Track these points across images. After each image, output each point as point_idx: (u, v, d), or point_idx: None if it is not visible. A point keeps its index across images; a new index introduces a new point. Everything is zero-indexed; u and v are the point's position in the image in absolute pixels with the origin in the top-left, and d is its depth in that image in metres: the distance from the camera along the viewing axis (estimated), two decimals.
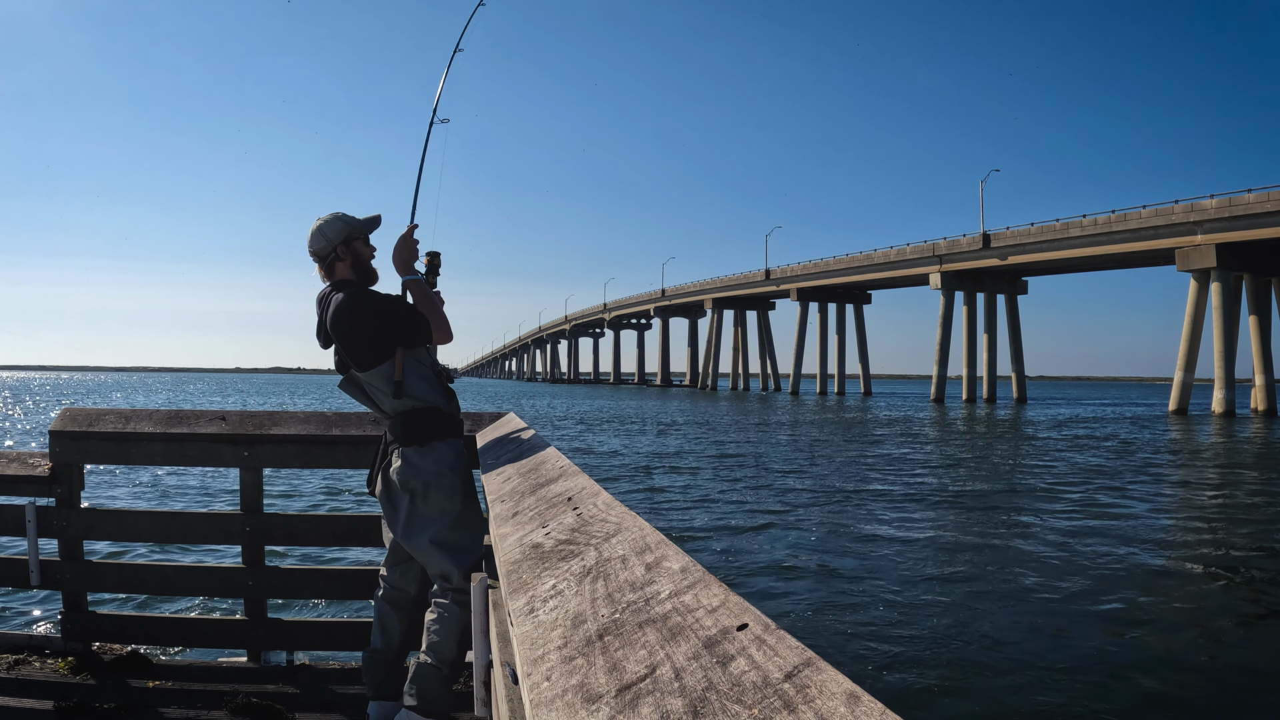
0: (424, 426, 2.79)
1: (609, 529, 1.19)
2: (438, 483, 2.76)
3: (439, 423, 2.82)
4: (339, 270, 2.88)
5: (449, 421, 2.86)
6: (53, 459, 3.60)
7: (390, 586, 2.99)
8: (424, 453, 2.77)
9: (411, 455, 2.77)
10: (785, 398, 69.40)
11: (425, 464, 2.76)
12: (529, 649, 0.86)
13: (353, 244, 2.89)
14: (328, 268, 2.89)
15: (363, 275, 2.90)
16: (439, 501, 2.76)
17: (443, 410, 2.85)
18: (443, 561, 2.73)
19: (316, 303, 2.92)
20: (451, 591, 2.73)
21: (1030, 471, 17.46)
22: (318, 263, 2.90)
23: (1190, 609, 7.28)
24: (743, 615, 0.72)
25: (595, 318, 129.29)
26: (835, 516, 11.50)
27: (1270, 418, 41.47)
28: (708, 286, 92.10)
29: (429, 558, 2.77)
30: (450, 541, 2.74)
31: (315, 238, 2.87)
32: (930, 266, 61.92)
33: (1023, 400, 62.45)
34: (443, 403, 2.86)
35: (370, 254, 2.94)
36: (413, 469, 2.76)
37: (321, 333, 2.89)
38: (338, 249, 2.86)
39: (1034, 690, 5.30)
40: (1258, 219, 41.00)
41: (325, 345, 2.91)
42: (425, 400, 2.82)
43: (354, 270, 2.89)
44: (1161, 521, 11.71)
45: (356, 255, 2.89)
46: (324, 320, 2.84)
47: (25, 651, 3.60)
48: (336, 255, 2.86)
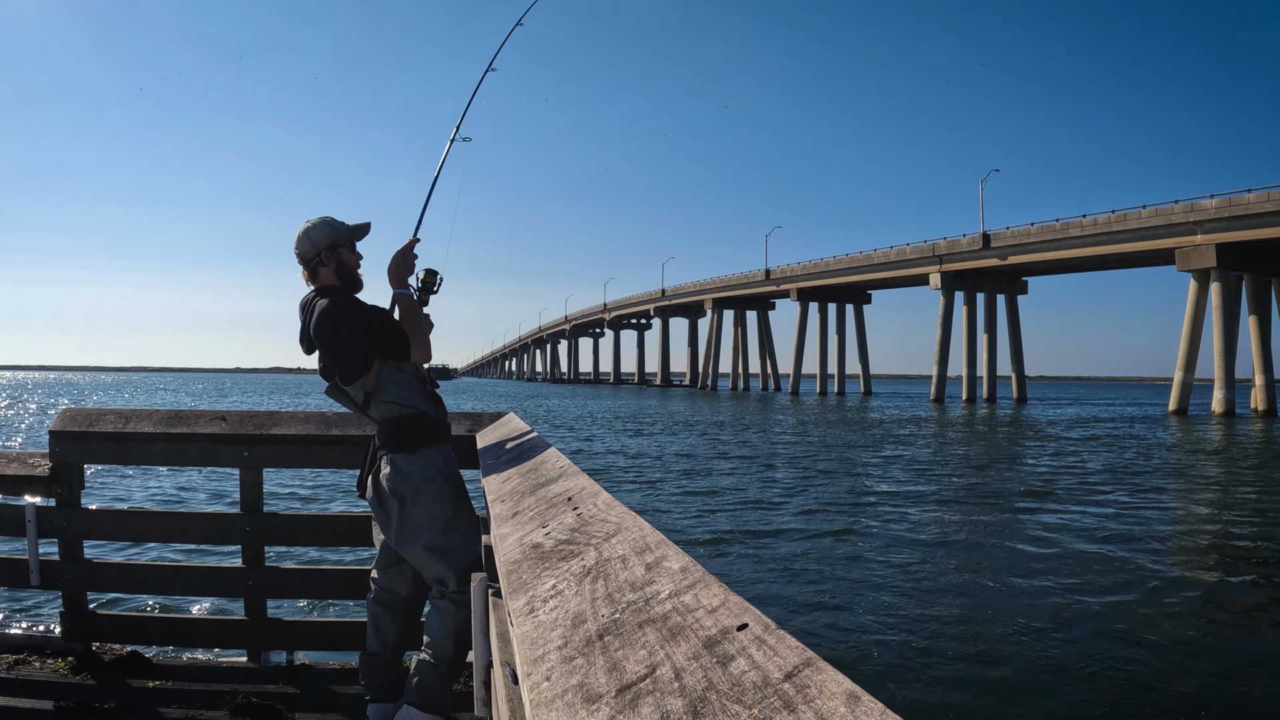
0: (412, 433, 2.77)
1: (609, 529, 1.19)
2: (427, 489, 2.75)
3: (426, 428, 2.80)
4: (322, 275, 2.84)
5: (436, 427, 2.84)
6: (53, 459, 3.60)
7: (381, 589, 2.98)
8: (412, 459, 2.75)
9: (400, 462, 2.75)
10: (785, 398, 69.39)
11: (414, 470, 2.75)
12: (529, 649, 0.86)
13: (338, 250, 2.84)
14: (311, 272, 2.85)
15: (347, 282, 2.86)
16: (429, 507, 2.74)
17: (429, 416, 2.82)
18: (437, 567, 2.73)
19: (300, 308, 2.89)
20: (451, 594, 2.73)
21: (1031, 472, 17.45)
22: (302, 265, 2.86)
23: (1192, 609, 7.28)
24: (743, 615, 0.72)
25: (595, 318, 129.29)
26: (836, 517, 11.49)
27: (1270, 417, 41.46)
28: (708, 286, 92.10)
29: (423, 563, 2.76)
30: (443, 546, 2.73)
31: (300, 240, 2.83)
32: (930, 266, 61.92)
33: (1023, 400, 62.45)
34: (429, 408, 2.84)
35: (356, 261, 2.89)
36: (402, 476, 2.74)
37: (305, 338, 2.85)
38: (322, 254, 2.82)
39: (1035, 690, 5.30)
40: (1258, 219, 41.00)
41: (308, 351, 2.87)
42: (411, 406, 2.79)
43: (338, 276, 2.85)
44: (1163, 521, 11.70)
45: (341, 262, 2.85)
46: (307, 326, 2.81)
47: (25, 651, 3.60)
48: (320, 260, 2.82)
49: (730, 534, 10.16)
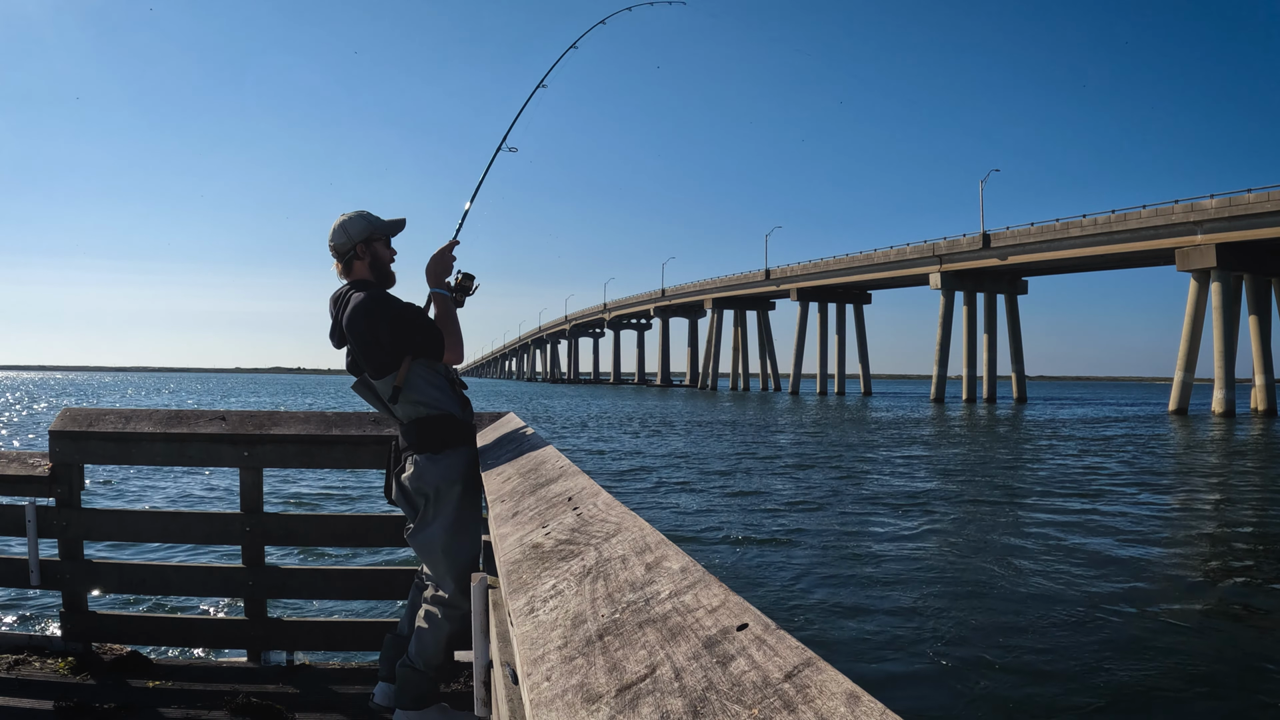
0: (438, 434, 2.77)
1: (609, 529, 1.19)
2: (449, 490, 2.77)
3: (453, 430, 2.80)
4: (356, 269, 2.84)
5: (463, 429, 2.84)
6: (53, 459, 3.60)
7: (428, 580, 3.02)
8: (436, 459, 2.76)
9: (423, 463, 2.76)
10: (785, 398, 69.37)
11: (437, 471, 2.76)
12: (529, 649, 0.86)
13: (373, 244, 2.85)
14: (345, 265, 2.85)
15: (380, 277, 2.87)
16: (445, 511, 2.77)
17: (456, 417, 2.82)
18: (441, 567, 2.78)
19: (331, 302, 2.89)
20: (442, 604, 2.78)
21: (1033, 471, 17.45)
22: (336, 259, 2.86)
23: (1195, 610, 7.28)
24: (743, 615, 0.72)
25: (595, 318, 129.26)
26: (837, 517, 11.49)
27: (1270, 417, 41.46)
28: (708, 286, 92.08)
29: (432, 562, 2.80)
30: (450, 547, 2.76)
31: (337, 233, 2.83)
32: (930, 266, 61.91)
33: (1023, 400, 62.44)
34: (457, 410, 2.83)
35: (390, 257, 2.90)
36: (424, 476, 2.76)
37: (336, 333, 2.86)
38: (357, 247, 2.82)
39: (1035, 690, 5.29)
40: (1258, 219, 40.99)
41: (338, 345, 2.88)
42: (439, 407, 2.79)
43: (371, 271, 2.85)
44: (1165, 522, 11.70)
45: (376, 256, 2.85)
46: (339, 320, 2.81)
47: (25, 651, 3.60)
48: (355, 254, 2.83)
49: (732, 534, 10.16)
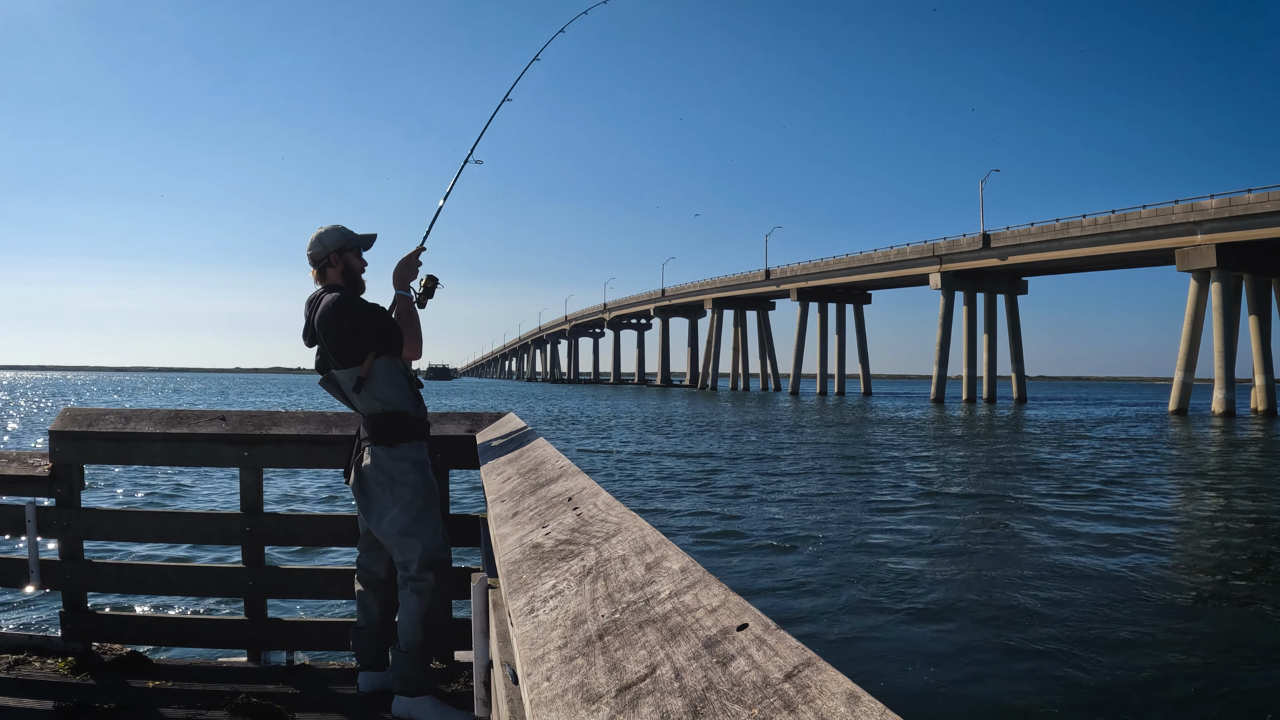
0: (393, 428, 3.06)
1: (609, 529, 1.19)
2: (402, 479, 3.04)
3: (407, 425, 3.09)
4: (329, 276, 3.15)
5: (415, 424, 3.12)
6: (53, 459, 3.60)
7: (363, 569, 3.31)
8: (392, 452, 3.05)
9: (380, 453, 3.05)
10: (785, 398, 69.39)
11: (392, 462, 3.04)
12: (529, 649, 0.86)
13: (345, 254, 3.16)
14: (320, 272, 3.16)
15: (351, 284, 3.17)
16: (404, 496, 3.03)
17: (410, 414, 3.11)
18: (404, 549, 3.03)
19: (306, 304, 3.18)
20: (410, 581, 3.03)
21: (1033, 471, 17.46)
22: (312, 266, 3.17)
23: (1195, 611, 7.28)
24: (743, 615, 0.72)
25: (595, 318, 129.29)
26: (838, 517, 11.50)
27: (1270, 418, 41.46)
28: (708, 286, 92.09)
29: (394, 545, 3.06)
30: (412, 530, 3.02)
31: (313, 244, 3.15)
32: (930, 266, 61.92)
33: (1023, 400, 62.45)
34: (410, 407, 3.12)
35: (361, 267, 3.21)
36: (381, 466, 3.04)
37: (308, 331, 3.16)
38: (331, 256, 3.14)
39: (1036, 690, 5.30)
40: (1258, 219, 41.00)
41: (310, 343, 3.18)
42: (393, 404, 3.08)
43: (343, 278, 3.16)
44: (1167, 521, 11.71)
45: (347, 265, 3.16)
46: (312, 319, 3.11)
47: (25, 651, 3.60)
48: (329, 262, 3.14)
49: (733, 535, 10.16)
